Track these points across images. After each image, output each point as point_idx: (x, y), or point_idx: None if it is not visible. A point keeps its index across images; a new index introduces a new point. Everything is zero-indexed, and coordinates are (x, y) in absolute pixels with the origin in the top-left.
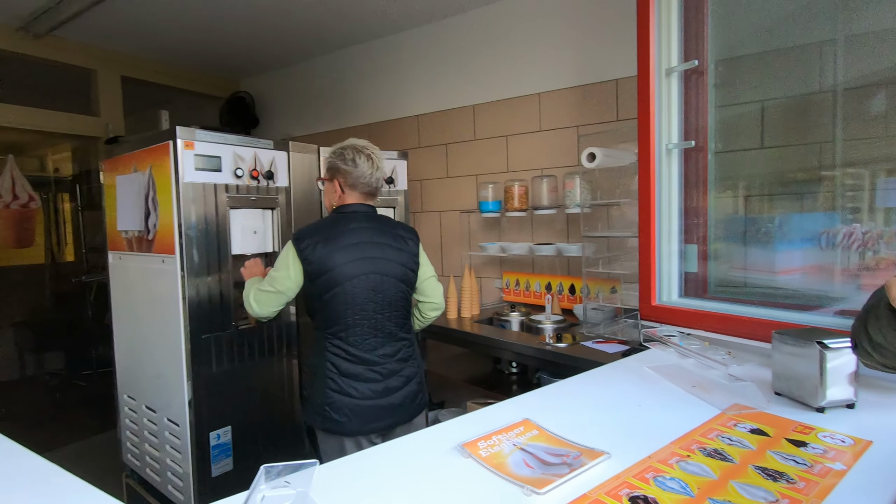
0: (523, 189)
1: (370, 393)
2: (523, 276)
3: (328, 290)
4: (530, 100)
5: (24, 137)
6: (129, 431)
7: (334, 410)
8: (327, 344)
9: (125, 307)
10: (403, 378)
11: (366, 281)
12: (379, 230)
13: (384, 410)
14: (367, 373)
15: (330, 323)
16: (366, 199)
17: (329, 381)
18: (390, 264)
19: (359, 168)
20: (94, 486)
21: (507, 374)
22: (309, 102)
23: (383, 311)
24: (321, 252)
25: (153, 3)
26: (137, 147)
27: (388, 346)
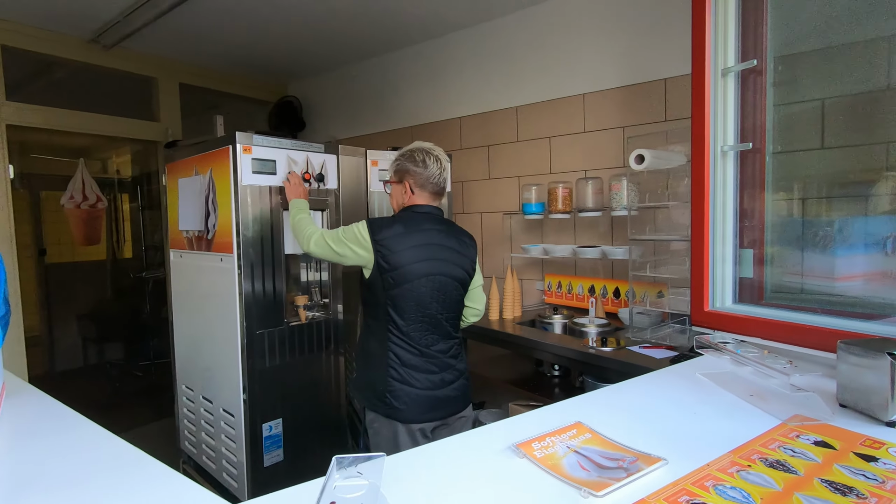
0: (567, 191)
1: (429, 384)
2: (566, 279)
3: (398, 286)
4: (574, 101)
5: (91, 142)
6: (186, 420)
7: (395, 398)
8: (390, 335)
9: (184, 303)
10: (457, 372)
11: (433, 282)
12: (447, 233)
13: (440, 401)
14: (426, 364)
15: (394, 316)
16: (433, 199)
17: (391, 371)
18: (455, 268)
19: (428, 169)
20: (174, 469)
21: (550, 377)
22: (353, 105)
23: (443, 312)
24: (396, 247)
25: (209, 14)
26: (199, 151)
27: (442, 343)
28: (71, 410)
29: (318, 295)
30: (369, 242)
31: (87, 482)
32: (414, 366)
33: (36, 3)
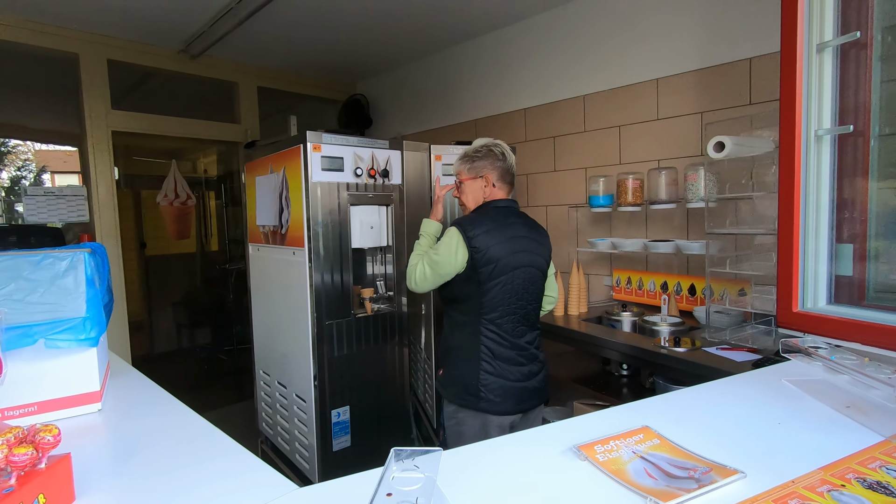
0: (638, 182)
1: (519, 375)
2: (635, 274)
3: (493, 279)
4: (646, 87)
5: (182, 144)
6: (264, 403)
7: (490, 391)
8: (482, 329)
9: (261, 293)
10: (540, 363)
11: (524, 273)
12: (528, 226)
13: (529, 393)
14: (517, 356)
15: (487, 309)
16: (510, 191)
17: (484, 364)
18: (539, 259)
19: (507, 161)
20: (247, 449)
21: (617, 376)
22: (418, 101)
23: (532, 302)
24: (488, 242)
25: (283, 20)
26: (274, 150)
27: (530, 334)
28: (164, 391)
29: (383, 287)
30: (464, 243)
31: (175, 457)
32: (506, 358)
33: (135, 20)
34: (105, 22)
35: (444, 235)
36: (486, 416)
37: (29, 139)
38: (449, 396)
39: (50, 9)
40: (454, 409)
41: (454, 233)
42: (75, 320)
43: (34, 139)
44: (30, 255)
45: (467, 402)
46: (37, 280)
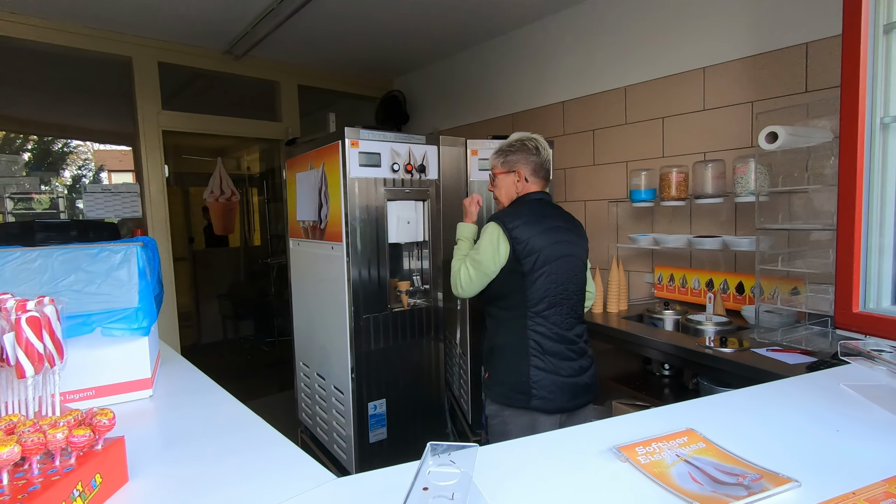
0: (682, 176)
1: (571, 371)
2: (678, 271)
3: (537, 269)
4: (692, 76)
5: (227, 142)
6: (303, 394)
7: (542, 388)
8: (529, 323)
9: (301, 287)
10: (589, 358)
11: (567, 263)
12: (564, 217)
13: (581, 388)
14: (566, 351)
15: (534, 301)
16: (544, 185)
17: (534, 360)
18: (579, 250)
19: (541, 155)
20: (287, 438)
21: (658, 376)
22: (454, 96)
23: (578, 293)
24: (529, 233)
25: (322, 20)
26: (313, 147)
27: (579, 327)
28: (210, 380)
29: (419, 282)
30: (505, 236)
31: (221, 445)
32: (556, 353)
33: (184, 23)
34: (156, 26)
35: (482, 233)
36: (536, 414)
37: (88, 140)
38: (496, 397)
39: (105, 15)
40: (498, 408)
41: (493, 227)
42: (128, 310)
43: (92, 140)
44: (88, 248)
45: (517, 401)
46: (94, 272)
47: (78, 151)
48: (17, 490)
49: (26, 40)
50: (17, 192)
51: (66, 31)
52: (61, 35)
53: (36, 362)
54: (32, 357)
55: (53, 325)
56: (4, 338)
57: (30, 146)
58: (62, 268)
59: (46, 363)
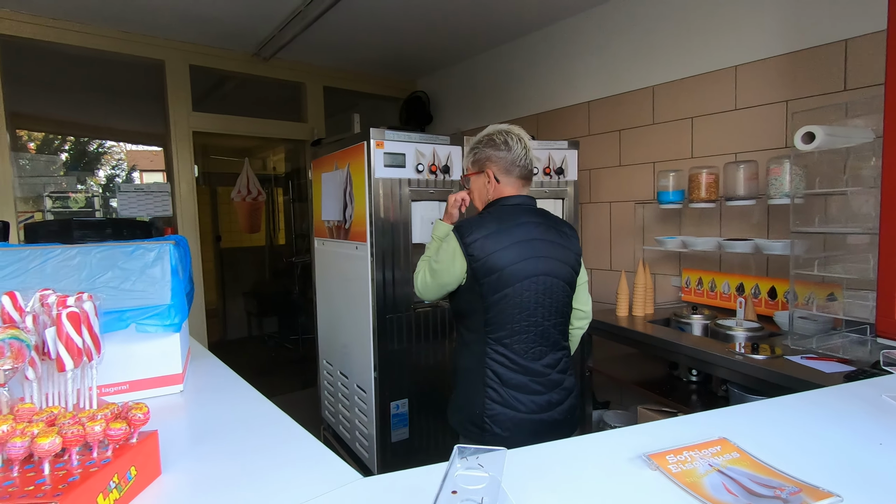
0: (712, 177)
1: (534, 406)
2: (707, 275)
3: (496, 292)
4: (723, 75)
5: (253, 142)
6: (326, 392)
7: (495, 423)
8: (488, 350)
9: (325, 286)
10: (565, 391)
11: (537, 283)
12: (546, 226)
13: (546, 426)
14: (530, 384)
15: (493, 327)
16: (522, 186)
17: (490, 392)
18: (559, 265)
19: (512, 151)
20: (311, 434)
21: (685, 382)
22: (477, 96)
23: (551, 318)
24: (490, 248)
25: (347, 22)
26: (339, 148)
27: (551, 356)
28: (239, 377)
29: None
30: (461, 250)
31: (250, 441)
32: (516, 385)
33: (214, 26)
34: (188, 29)
35: (445, 240)
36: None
37: (121, 140)
38: (454, 425)
39: (139, 19)
40: (462, 441)
41: (451, 239)
42: (161, 307)
43: (126, 140)
44: (124, 246)
45: (471, 434)
46: (129, 269)
47: (112, 152)
48: (57, 480)
49: (65, 44)
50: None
51: (103, 35)
52: (98, 39)
53: (75, 356)
54: (72, 351)
55: (92, 321)
56: (46, 332)
57: (66, 146)
58: (99, 265)
59: (85, 357)
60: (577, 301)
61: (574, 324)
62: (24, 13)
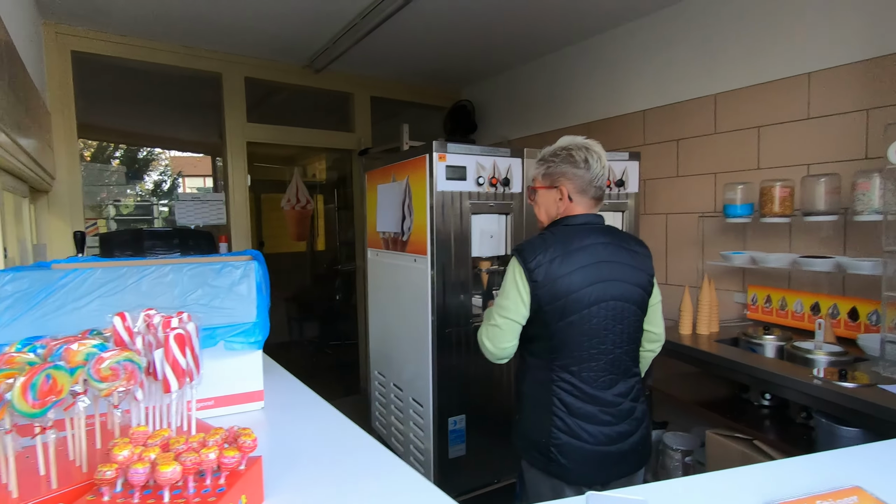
0: (787, 191)
1: (603, 438)
2: (777, 292)
3: (561, 318)
4: (795, 82)
5: (295, 151)
6: (377, 402)
7: (561, 454)
8: (554, 377)
9: (378, 297)
10: (636, 421)
11: (606, 309)
12: (616, 246)
13: (617, 458)
14: (599, 414)
15: (559, 355)
16: (593, 206)
17: (556, 420)
18: (630, 288)
19: (592, 170)
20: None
21: (756, 406)
22: (524, 105)
23: (622, 345)
24: (555, 273)
25: (396, 34)
26: (394, 160)
27: (622, 384)
28: (310, 390)
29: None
30: (524, 276)
31: (337, 461)
32: (586, 415)
33: (269, 40)
34: (245, 43)
35: (506, 270)
36: (561, 483)
37: (171, 148)
38: (519, 449)
39: (202, 35)
40: (527, 465)
41: (513, 264)
42: (247, 324)
43: (175, 148)
44: (212, 263)
45: (537, 462)
46: (218, 286)
47: (158, 158)
48: None
49: (131, 59)
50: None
51: (167, 50)
52: (162, 54)
53: (180, 378)
54: (178, 372)
55: (193, 342)
56: (155, 354)
57: (118, 154)
58: (190, 282)
59: (187, 378)
60: (649, 322)
61: (645, 346)
62: (96, 31)
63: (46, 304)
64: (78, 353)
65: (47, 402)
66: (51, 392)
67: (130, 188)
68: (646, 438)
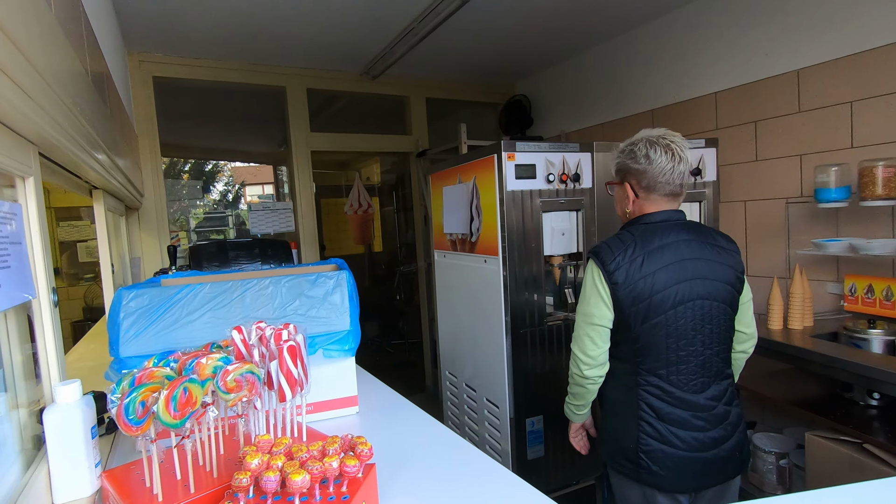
0: (892, 170)
1: (696, 444)
2: (880, 282)
3: (645, 321)
4: (891, 50)
5: (354, 155)
6: (449, 402)
7: (652, 461)
8: (640, 381)
9: (448, 298)
10: (731, 426)
11: (693, 308)
12: (700, 243)
13: (710, 465)
14: (692, 419)
15: (645, 358)
16: (670, 202)
17: (644, 426)
18: (718, 286)
19: (655, 164)
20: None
21: (863, 406)
22: (582, 96)
23: (713, 346)
24: (636, 273)
25: (451, 35)
26: (460, 162)
27: (715, 387)
28: (398, 394)
29: (572, 296)
30: (603, 279)
31: (439, 467)
32: (676, 420)
33: (328, 50)
34: (306, 56)
35: (585, 273)
36: (649, 489)
37: (237, 160)
38: (604, 457)
39: (267, 51)
40: (613, 473)
41: (591, 267)
42: (342, 332)
43: (241, 160)
44: (307, 275)
45: (626, 470)
46: (314, 297)
47: (223, 170)
48: None
49: (202, 80)
50: (177, 210)
51: (234, 68)
52: (230, 73)
53: (293, 387)
54: (291, 382)
55: (303, 352)
56: (271, 365)
57: (186, 168)
58: (288, 294)
59: (298, 386)
60: (740, 322)
61: (736, 347)
62: (173, 56)
63: (165, 319)
64: (207, 367)
65: (185, 412)
66: (188, 404)
67: (200, 200)
68: (742, 444)
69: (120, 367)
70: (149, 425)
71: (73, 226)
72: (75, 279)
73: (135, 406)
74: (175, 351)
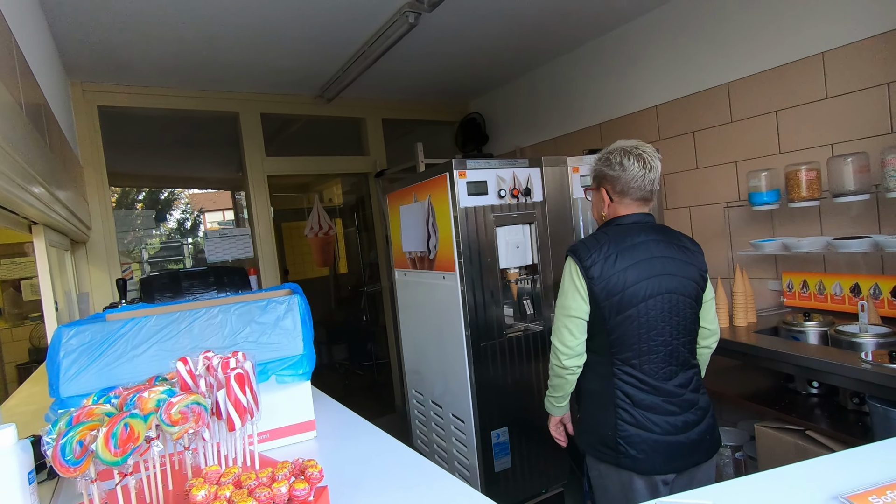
0: (814, 173)
1: (669, 427)
2: (813, 277)
3: (619, 313)
4: (809, 63)
5: (313, 178)
6: (417, 421)
7: (630, 445)
8: (615, 371)
9: (410, 317)
10: (700, 411)
11: (661, 302)
12: (666, 243)
13: (685, 448)
14: (663, 404)
15: (619, 349)
16: (640, 206)
17: (621, 413)
18: (684, 282)
19: (628, 171)
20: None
21: (804, 395)
22: (534, 112)
23: (679, 336)
24: (610, 269)
25: (403, 57)
26: (416, 181)
27: (682, 375)
28: (356, 415)
29: (529, 307)
30: (580, 274)
31: (397, 485)
32: (649, 406)
33: (283, 76)
34: (259, 81)
35: (563, 269)
36: (628, 473)
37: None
38: (585, 447)
39: (218, 77)
40: (592, 461)
41: (569, 264)
42: (295, 357)
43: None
44: (257, 301)
45: (606, 456)
46: (265, 323)
47: (179, 198)
48: None
49: (152, 108)
50: (132, 241)
51: (185, 96)
52: (181, 100)
53: (242, 415)
54: (240, 410)
55: (251, 379)
56: (218, 394)
57: (140, 198)
58: (238, 321)
59: (248, 414)
60: (704, 318)
61: (701, 343)
62: (119, 85)
63: (109, 354)
64: (150, 401)
65: (127, 449)
66: (129, 440)
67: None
68: (713, 428)
69: (61, 408)
70: (88, 465)
71: (16, 263)
72: (20, 319)
73: (72, 446)
74: (117, 387)
